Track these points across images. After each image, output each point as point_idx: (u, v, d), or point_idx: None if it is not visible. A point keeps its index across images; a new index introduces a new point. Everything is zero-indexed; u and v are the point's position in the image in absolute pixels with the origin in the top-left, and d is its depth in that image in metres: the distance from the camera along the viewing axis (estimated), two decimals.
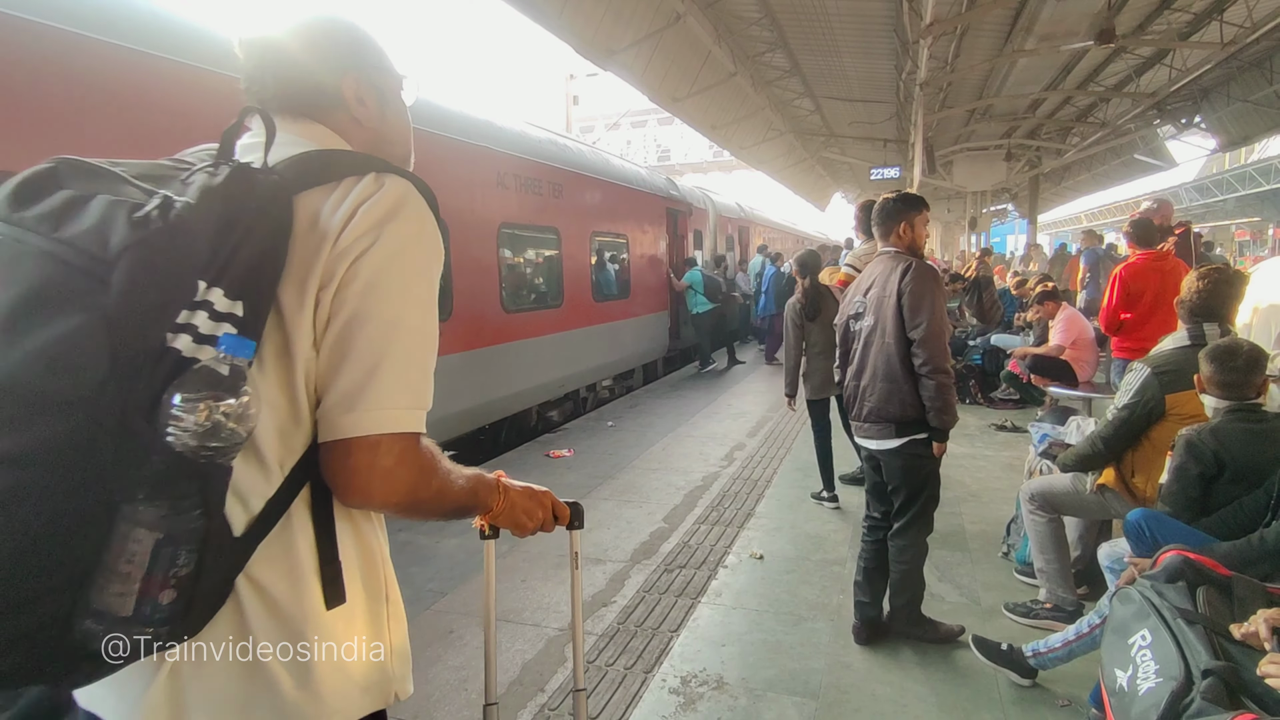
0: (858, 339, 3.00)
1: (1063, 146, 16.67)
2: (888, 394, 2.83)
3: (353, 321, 0.83)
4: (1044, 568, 3.13)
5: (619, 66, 10.18)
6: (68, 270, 0.68)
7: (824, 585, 3.57)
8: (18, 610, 0.66)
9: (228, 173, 0.77)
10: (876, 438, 2.90)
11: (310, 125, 0.95)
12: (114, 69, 3.37)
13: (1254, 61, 11.20)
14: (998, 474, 5.18)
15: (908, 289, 2.77)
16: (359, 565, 0.92)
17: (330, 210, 0.84)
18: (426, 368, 0.89)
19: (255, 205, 0.78)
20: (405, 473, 0.86)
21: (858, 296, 3.03)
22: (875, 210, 3.07)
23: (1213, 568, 1.82)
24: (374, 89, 1.01)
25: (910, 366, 2.79)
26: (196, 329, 0.72)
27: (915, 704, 2.63)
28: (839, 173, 25.29)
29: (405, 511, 0.91)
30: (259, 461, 0.82)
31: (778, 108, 15.61)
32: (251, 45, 0.96)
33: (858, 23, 10.10)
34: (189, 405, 0.69)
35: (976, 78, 11.94)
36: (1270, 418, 2.41)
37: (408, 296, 0.86)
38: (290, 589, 0.84)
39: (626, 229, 9.54)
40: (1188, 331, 2.88)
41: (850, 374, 3.02)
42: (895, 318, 2.80)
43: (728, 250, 15.09)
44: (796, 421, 6.80)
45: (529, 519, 1.17)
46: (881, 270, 2.94)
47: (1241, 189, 31.33)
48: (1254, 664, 1.42)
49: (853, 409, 3.02)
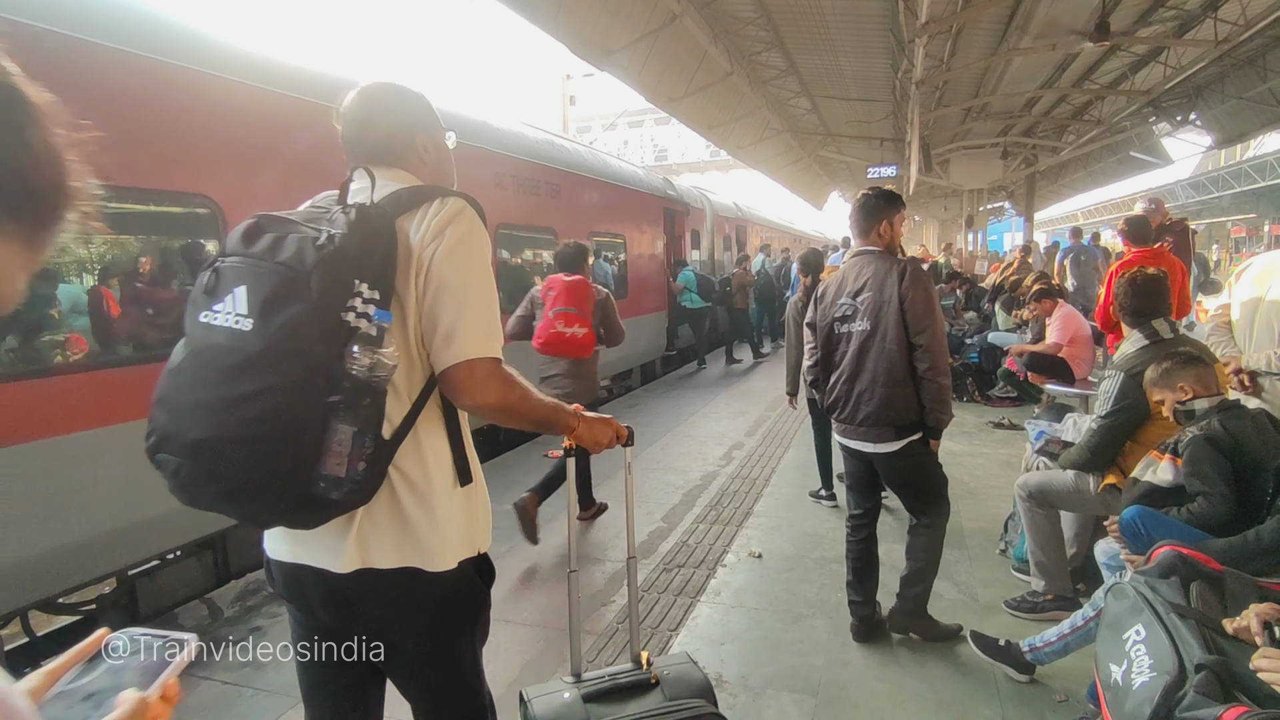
0: (846, 342, 2.94)
1: (1058, 144, 16.69)
2: (889, 399, 2.81)
3: (440, 290, 1.27)
4: (1043, 561, 3.15)
5: (615, 67, 10.18)
6: (289, 279, 1.15)
7: (823, 583, 3.59)
8: (283, 476, 1.13)
9: (355, 212, 1.22)
10: (874, 441, 2.88)
11: (394, 170, 1.40)
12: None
13: (1248, 59, 11.23)
14: (995, 471, 5.20)
15: (910, 295, 2.75)
16: (467, 460, 1.39)
17: (416, 225, 1.29)
18: (494, 313, 1.33)
19: (375, 229, 1.22)
20: (495, 383, 1.30)
21: (843, 299, 2.95)
22: (855, 208, 3.01)
23: (1205, 563, 1.84)
24: (433, 140, 1.48)
25: (911, 370, 2.79)
26: (356, 308, 1.16)
27: (914, 700, 2.64)
28: (836, 172, 25.33)
29: (502, 413, 1.34)
30: (395, 391, 1.26)
31: (774, 107, 15.62)
32: (350, 118, 1.40)
33: (854, 22, 10.11)
34: (361, 352, 1.15)
35: (972, 76, 11.97)
36: (1257, 414, 2.44)
37: (470, 269, 1.30)
38: (421, 473, 1.31)
39: (624, 229, 9.55)
40: (1141, 334, 2.98)
41: (839, 378, 2.96)
42: (898, 323, 2.77)
43: (725, 250, 15.12)
44: (795, 420, 6.81)
45: (603, 438, 1.62)
46: (873, 272, 2.88)
47: (1237, 185, 31.45)
48: (1246, 658, 1.44)
49: (840, 412, 2.97)
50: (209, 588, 3.89)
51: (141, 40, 3.47)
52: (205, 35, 3.90)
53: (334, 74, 4.67)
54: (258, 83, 4.05)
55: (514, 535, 4.01)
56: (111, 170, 3.24)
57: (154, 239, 3.75)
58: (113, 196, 3.35)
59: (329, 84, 4.53)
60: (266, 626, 3.21)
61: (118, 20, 3.43)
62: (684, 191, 12.74)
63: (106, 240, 3.52)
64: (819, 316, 3.07)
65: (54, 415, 3.05)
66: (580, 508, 4.49)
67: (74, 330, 3.32)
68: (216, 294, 1.18)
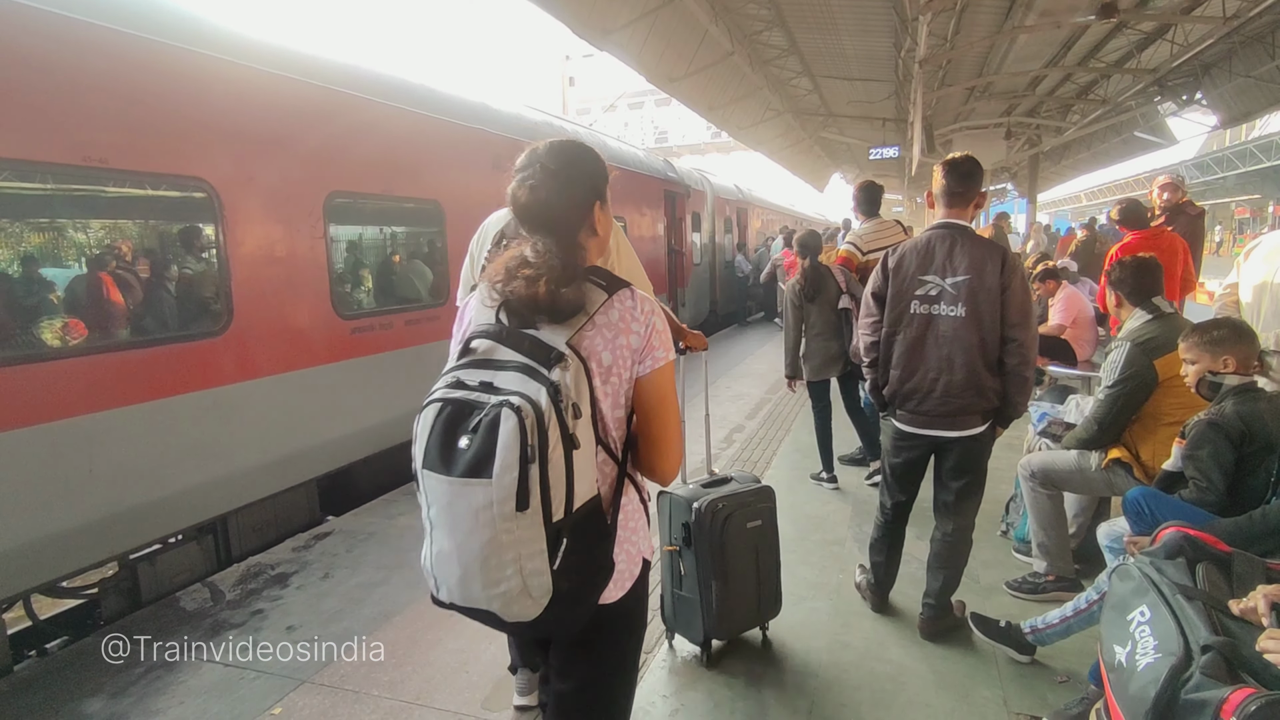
0: (924, 325, 2.72)
1: (1063, 124, 16.51)
2: (980, 387, 2.68)
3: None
4: (1045, 542, 3.16)
5: (615, 46, 10.05)
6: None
7: (823, 565, 3.59)
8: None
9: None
10: (959, 429, 2.75)
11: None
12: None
13: (1256, 35, 11.06)
14: (997, 453, 5.08)
15: (1011, 285, 2.62)
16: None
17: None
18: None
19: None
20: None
21: (930, 275, 2.70)
22: (952, 171, 2.70)
23: (1212, 544, 1.83)
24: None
25: (996, 357, 2.69)
26: None
27: (914, 681, 2.65)
28: (837, 153, 25.10)
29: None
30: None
31: (775, 87, 15.45)
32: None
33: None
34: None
35: (976, 55, 11.79)
36: (1275, 396, 2.42)
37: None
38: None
39: (624, 212, 9.47)
40: (1144, 309, 2.99)
41: (917, 366, 2.75)
42: (995, 312, 2.63)
43: (726, 233, 15.04)
44: (795, 403, 6.80)
45: (698, 342, 2.71)
46: (971, 255, 2.65)
47: (1242, 166, 31.15)
48: (1252, 639, 1.42)
49: (915, 401, 2.78)
50: (210, 571, 3.89)
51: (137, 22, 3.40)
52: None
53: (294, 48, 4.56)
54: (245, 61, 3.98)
55: None
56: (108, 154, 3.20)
57: (152, 224, 3.71)
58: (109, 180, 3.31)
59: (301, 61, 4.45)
60: (268, 610, 3.22)
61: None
62: (684, 173, 12.63)
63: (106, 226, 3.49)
64: (894, 291, 2.79)
65: (51, 400, 3.03)
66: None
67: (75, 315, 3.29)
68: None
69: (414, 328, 5.14)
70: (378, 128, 4.89)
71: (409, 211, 5.45)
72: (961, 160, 2.72)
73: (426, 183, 5.36)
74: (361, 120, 4.75)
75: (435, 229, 5.52)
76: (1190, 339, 2.52)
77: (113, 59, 3.30)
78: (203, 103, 3.69)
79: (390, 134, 5.01)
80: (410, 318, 5.16)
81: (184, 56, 3.61)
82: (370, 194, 4.92)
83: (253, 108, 3.99)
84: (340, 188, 4.56)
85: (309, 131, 4.34)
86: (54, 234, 3.34)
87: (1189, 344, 2.51)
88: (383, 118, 4.94)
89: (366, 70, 4.96)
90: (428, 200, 5.40)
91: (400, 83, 5.26)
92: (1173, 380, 2.75)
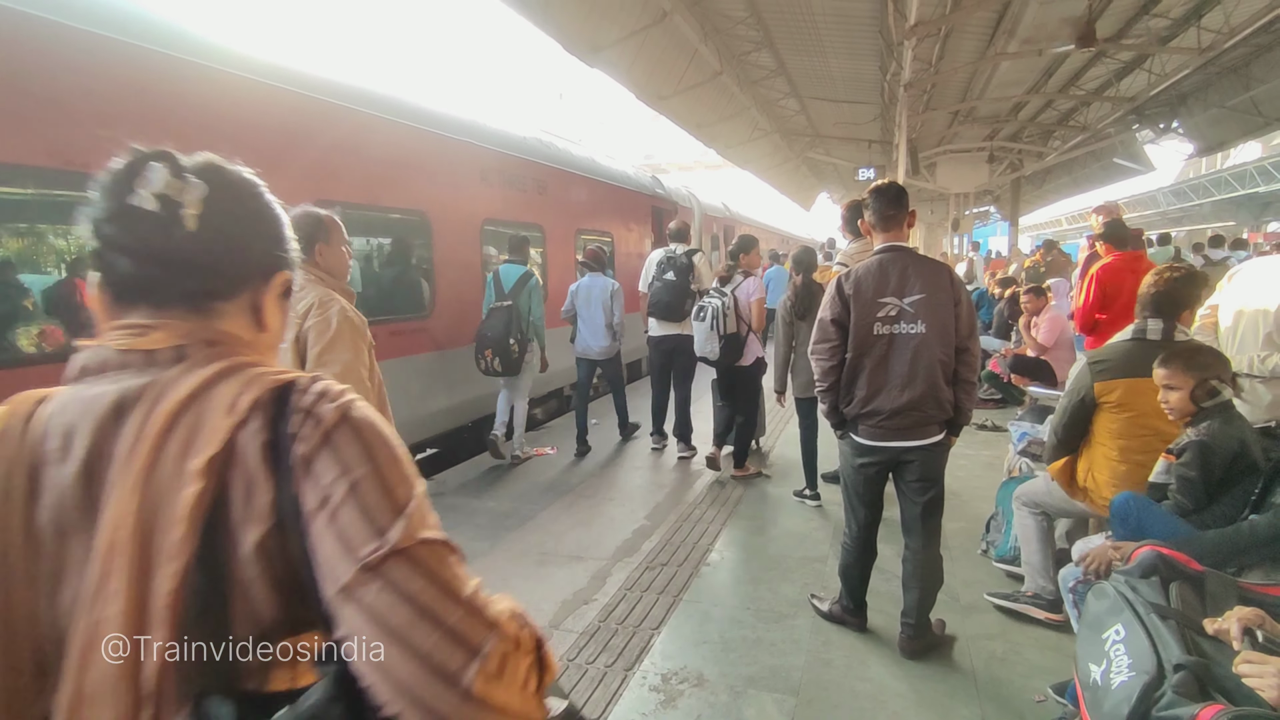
0: (888, 345, 2.78)
1: (1044, 150, 16.86)
2: (939, 399, 2.78)
3: None
4: (1029, 559, 3.22)
5: (605, 63, 10.14)
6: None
7: (805, 582, 3.58)
8: None
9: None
10: (921, 438, 2.82)
11: None
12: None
13: (1231, 67, 11.38)
14: (978, 473, 5.22)
15: (962, 300, 2.79)
16: None
17: None
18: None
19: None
20: None
21: (886, 298, 2.76)
22: (880, 195, 2.84)
23: (1186, 563, 1.85)
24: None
25: (952, 369, 2.81)
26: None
27: (894, 700, 2.64)
28: (824, 173, 25.40)
29: None
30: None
31: (763, 107, 15.63)
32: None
33: (843, 23, 10.13)
34: None
35: (960, 80, 12.04)
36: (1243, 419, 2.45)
37: None
38: None
39: (611, 227, 9.50)
40: (1133, 327, 2.92)
41: (890, 382, 2.78)
42: (950, 325, 2.77)
43: (714, 250, 15.12)
44: (780, 420, 6.81)
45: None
46: (921, 272, 2.77)
47: (1217, 194, 31.83)
48: (1225, 658, 1.44)
49: (879, 418, 2.81)
50: None
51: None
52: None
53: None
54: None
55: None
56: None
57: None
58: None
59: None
60: None
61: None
62: (672, 190, 12.71)
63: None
64: (857, 316, 2.81)
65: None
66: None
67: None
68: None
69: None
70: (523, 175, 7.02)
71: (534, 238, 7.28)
72: (886, 186, 2.89)
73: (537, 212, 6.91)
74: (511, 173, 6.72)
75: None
76: (1173, 364, 2.47)
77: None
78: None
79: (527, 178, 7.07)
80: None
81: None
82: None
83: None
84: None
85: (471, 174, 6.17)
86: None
87: (1171, 370, 2.46)
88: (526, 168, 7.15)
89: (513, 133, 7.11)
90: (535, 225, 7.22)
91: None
92: (1110, 405, 2.74)
